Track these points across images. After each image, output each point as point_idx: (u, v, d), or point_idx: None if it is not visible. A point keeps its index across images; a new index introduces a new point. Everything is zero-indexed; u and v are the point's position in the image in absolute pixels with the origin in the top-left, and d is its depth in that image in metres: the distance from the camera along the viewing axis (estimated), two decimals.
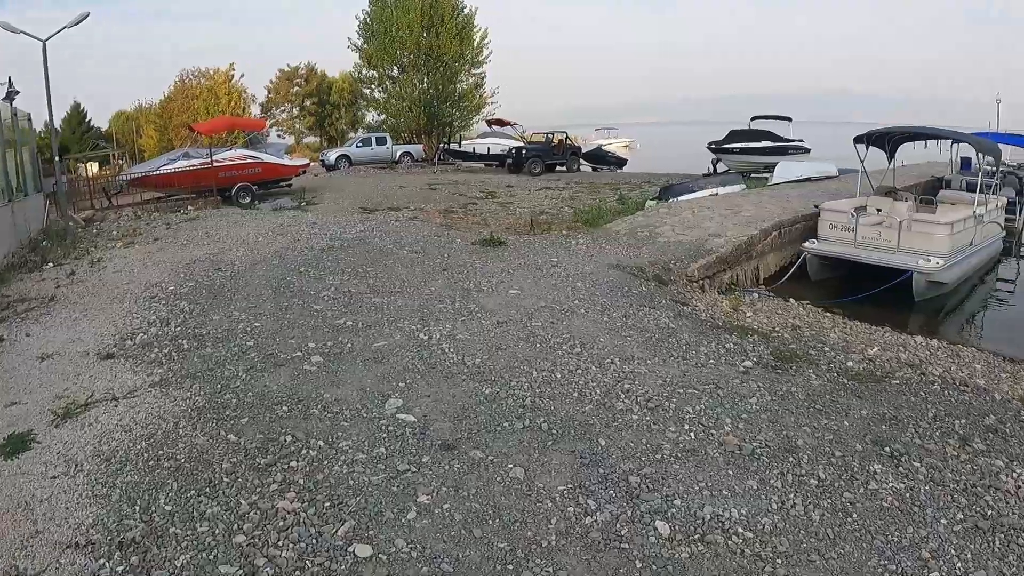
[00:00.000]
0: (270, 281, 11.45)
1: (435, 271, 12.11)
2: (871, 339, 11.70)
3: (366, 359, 7.67)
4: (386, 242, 14.87)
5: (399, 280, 11.35)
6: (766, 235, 15.60)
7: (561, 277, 11.84)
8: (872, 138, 17.91)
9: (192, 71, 61.35)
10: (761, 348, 8.96)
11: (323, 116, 62.75)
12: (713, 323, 10.21)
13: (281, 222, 17.85)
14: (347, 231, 16.32)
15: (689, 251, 14.39)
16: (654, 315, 9.95)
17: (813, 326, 12.18)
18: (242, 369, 7.57)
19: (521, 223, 18.73)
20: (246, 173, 23.16)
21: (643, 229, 15.99)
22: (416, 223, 17.79)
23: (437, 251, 13.93)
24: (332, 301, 10.10)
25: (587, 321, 9.27)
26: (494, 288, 10.86)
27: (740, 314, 12.44)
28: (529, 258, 13.41)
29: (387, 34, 37.35)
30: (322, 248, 14.26)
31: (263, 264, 12.87)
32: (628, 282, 11.96)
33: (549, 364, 7.45)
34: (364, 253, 13.68)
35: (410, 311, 9.48)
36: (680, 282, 13.27)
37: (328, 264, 12.69)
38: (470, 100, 40.11)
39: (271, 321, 9.25)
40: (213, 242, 15.33)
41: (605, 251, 14.36)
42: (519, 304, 9.89)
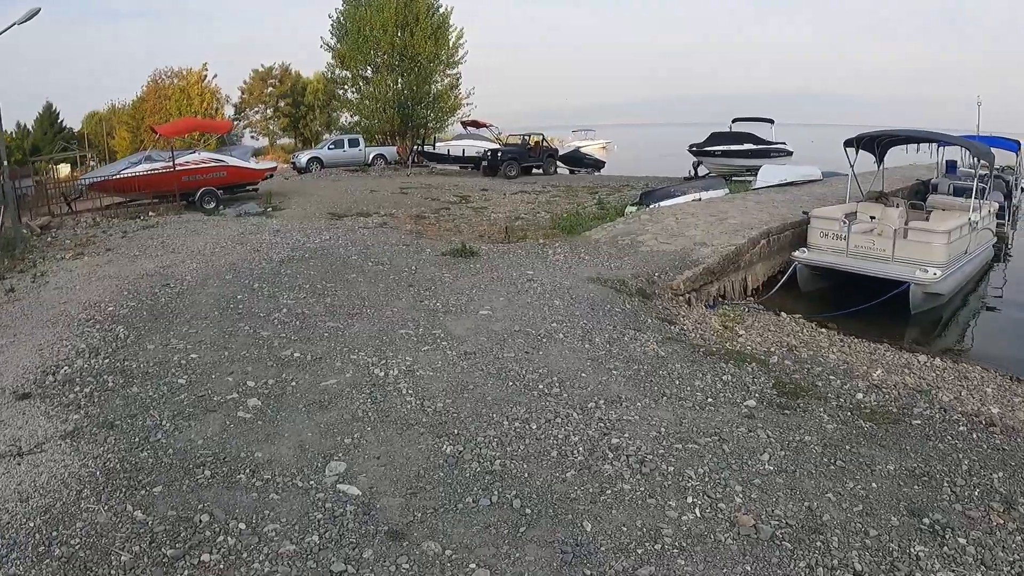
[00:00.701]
0: (219, 300, 10.21)
1: (400, 287, 10.92)
2: (873, 359, 10.83)
3: (310, 403, 6.48)
4: (350, 252, 13.65)
5: (359, 299, 10.15)
6: (754, 244, 14.55)
7: (537, 293, 10.70)
8: (862, 142, 16.94)
9: (165, 71, 59.57)
10: (762, 380, 7.89)
11: (297, 117, 61.07)
12: (705, 348, 9.15)
13: (242, 230, 16.55)
14: (311, 240, 15.07)
15: (674, 262, 13.31)
16: (641, 339, 8.85)
17: (810, 345, 11.24)
18: (168, 416, 6.38)
19: (495, 230, 17.58)
20: (210, 177, 21.78)
21: (624, 237, 14.88)
22: (385, 230, 16.58)
23: (404, 263, 12.73)
24: (282, 326, 8.89)
25: (566, 349, 8.13)
26: (463, 308, 9.69)
27: (731, 332, 11.42)
28: (503, 271, 12.25)
29: (360, 33, 35.93)
30: (281, 260, 13.01)
31: (215, 279, 11.61)
32: (610, 298, 10.86)
33: (523, 410, 6.29)
34: (325, 266, 12.45)
35: (367, 338, 8.28)
36: (665, 296, 12.21)
37: (285, 279, 11.46)
38: (445, 101, 38.71)
39: (211, 351, 8.04)
40: (167, 253, 14.02)
41: (584, 262, 13.24)
42: (490, 328, 8.73)
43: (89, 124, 70.82)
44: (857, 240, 14.69)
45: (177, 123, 27.41)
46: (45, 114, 65.13)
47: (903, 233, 14.37)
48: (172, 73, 60.03)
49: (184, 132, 24.62)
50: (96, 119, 69.79)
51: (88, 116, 72.17)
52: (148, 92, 59.89)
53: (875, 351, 11.36)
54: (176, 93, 58.17)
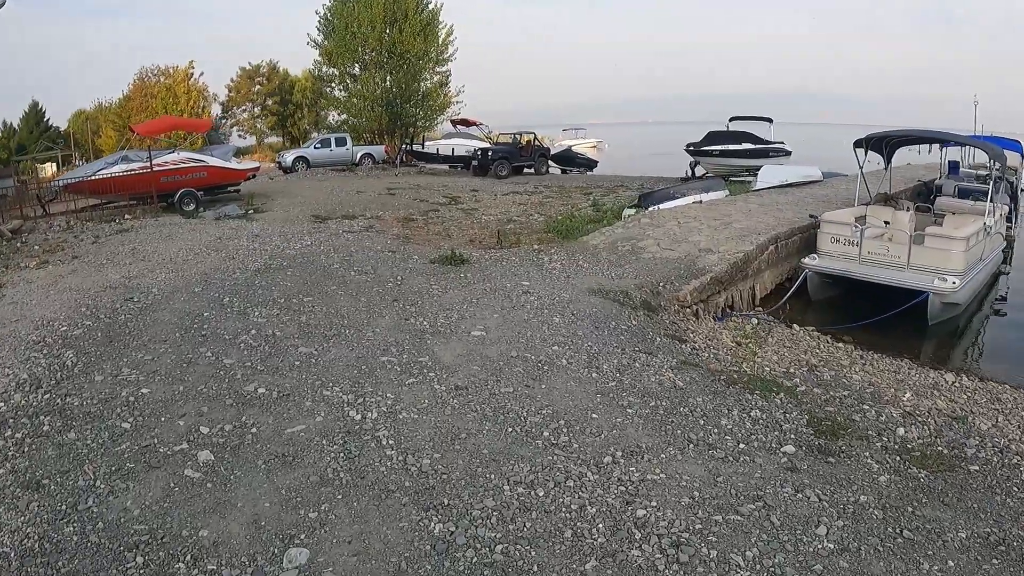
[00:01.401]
0: (183, 319, 9.04)
1: (384, 302, 9.77)
2: (898, 379, 9.71)
3: (272, 458, 5.34)
4: (332, 260, 12.49)
5: (338, 316, 9.00)
6: (762, 250, 13.49)
7: (534, 308, 9.59)
8: (871, 142, 15.90)
9: (152, 69, 57.98)
10: (795, 416, 6.84)
11: (285, 116, 59.62)
12: (725, 374, 8.07)
13: (220, 234, 15.36)
14: (291, 245, 13.90)
15: (679, 270, 12.24)
16: (653, 365, 7.76)
17: (830, 363, 10.25)
18: (104, 473, 5.25)
19: (487, 234, 16.45)
20: (190, 178, 20.53)
21: (624, 243, 13.78)
22: (370, 235, 15.42)
23: (390, 272, 11.59)
24: (249, 351, 7.73)
25: (572, 380, 7.01)
26: (453, 327, 8.56)
27: (745, 350, 10.36)
28: (496, 281, 11.13)
29: (348, 30, 34.65)
30: (257, 269, 11.85)
31: (183, 292, 10.45)
32: (614, 313, 9.77)
33: (527, 468, 5.16)
34: (304, 275, 11.29)
35: (344, 368, 7.13)
36: (672, 308, 11.14)
37: (259, 292, 10.30)
38: (434, 99, 37.43)
39: (165, 385, 6.88)
40: (136, 261, 12.82)
41: (583, 271, 12.15)
42: (484, 354, 7.60)
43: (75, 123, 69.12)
44: (870, 246, 13.67)
45: (156, 122, 26.10)
46: (31, 112, 63.41)
47: (919, 239, 13.35)
48: (159, 71, 58.56)
49: (163, 131, 23.37)
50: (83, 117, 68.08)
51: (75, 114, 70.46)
52: (134, 90, 58.34)
53: (898, 369, 10.46)
54: (162, 91, 56.65)
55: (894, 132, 16.26)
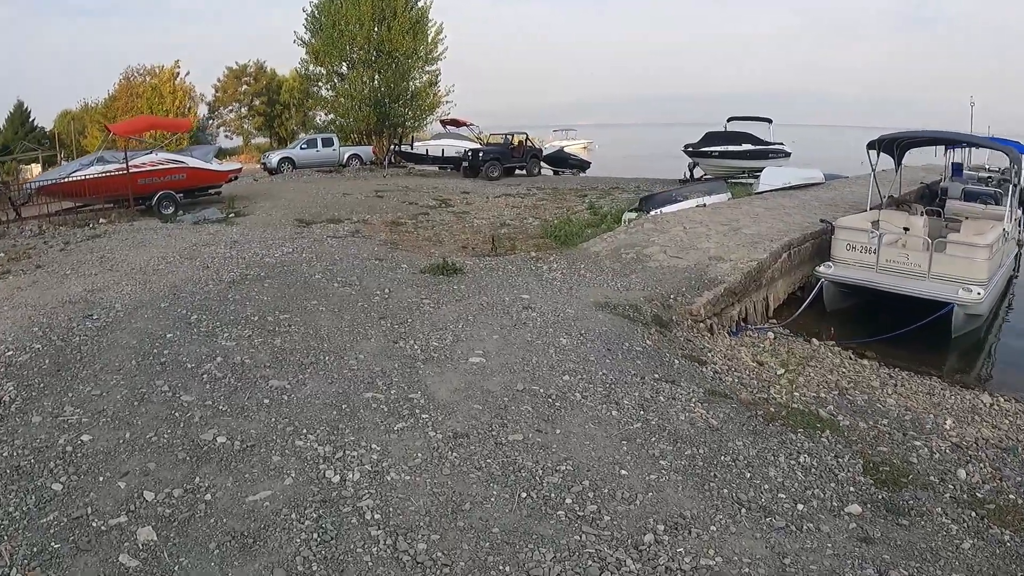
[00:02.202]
0: (143, 342, 7.85)
1: (370, 319, 8.62)
2: (934, 402, 8.83)
3: (227, 539, 4.18)
4: (314, 270, 11.33)
5: (318, 339, 7.84)
6: (775, 258, 12.44)
7: (538, 327, 8.47)
8: (883, 143, 14.89)
9: (137, 68, 56.35)
10: (847, 460, 5.83)
11: (272, 116, 58.03)
12: (757, 405, 7.01)
13: (196, 240, 14.15)
14: (271, 253, 12.72)
15: (689, 280, 11.17)
16: (679, 398, 6.67)
17: (859, 384, 9.30)
18: (20, 559, 4.11)
19: (480, 239, 15.32)
20: (168, 180, 19.24)
21: (628, 250, 12.68)
22: (356, 241, 14.25)
23: (376, 284, 10.45)
24: (212, 385, 6.56)
25: (590, 422, 5.90)
26: (448, 352, 7.41)
27: (769, 372, 9.30)
28: (493, 294, 10.02)
29: (336, 28, 33.26)
30: (232, 280, 10.67)
31: (148, 308, 9.26)
32: (626, 332, 8.68)
33: (550, 554, 4.02)
34: (282, 288, 10.13)
35: (321, 408, 5.97)
36: (685, 323, 10.06)
37: (231, 308, 9.13)
38: (423, 99, 36.10)
39: (110, 430, 5.71)
40: (103, 271, 11.60)
41: (586, 281, 11.06)
42: (485, 387, 6.46)
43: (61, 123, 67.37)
44: (888, 254, 12.64)
45: (134, 121, 24.71)
46: (16, 113, 61.57)
47: (939, 246, 12.34)
48: (145, 71, 56.98)
49: (141, 131, 22.07)
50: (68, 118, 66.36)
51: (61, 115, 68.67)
52: (120, 90, 56.74)
53: (931, 390, 9.46)
54: (148, 91, 55.09)
55: (906, 133, 15.27)
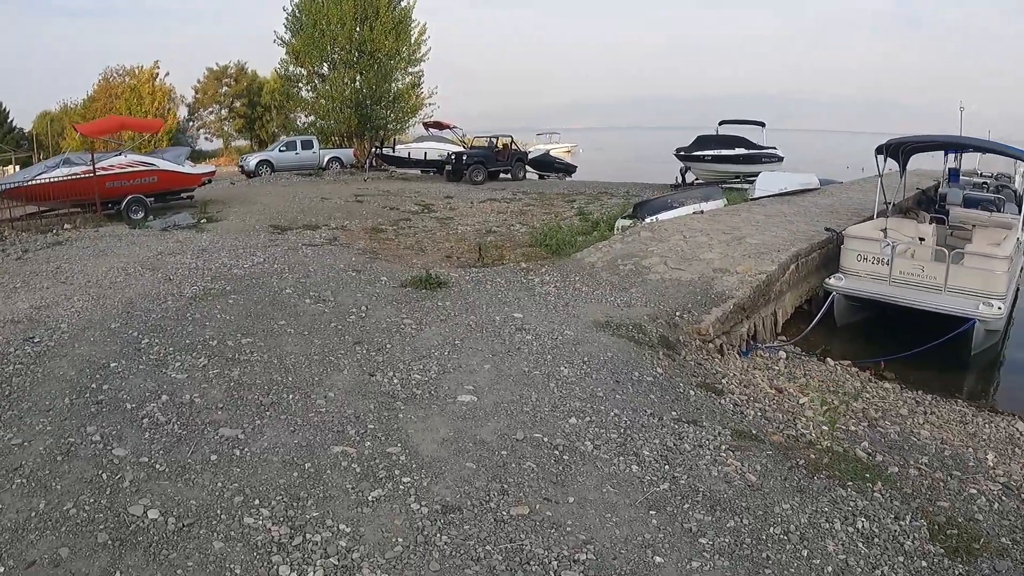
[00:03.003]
0: (83, 373, 6.64)
1: (343, 344, 7.45)
2: (969, 433, 7.98)
3: None
4: (285, 283, 10.14)
5: (283, 369, 6.65)
6: (784, 270, 11.40)
7: (534, 353, 7.35)
8: (890, 148, 13.90)
9: (117, 69, 54.70)
10: (908, 521, 4.85)
11: (253, 118, 56.50)
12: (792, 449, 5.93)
13: (162, 248, 12.90)
14: (240, 263, 11.51)
15: (694, 295, 10.09)
16: (706, 444, 5.58)
17: (888, 413, 8.37)
18: None
19: (465, 247, 14.19)
20: (138, 183, 17.91)
21: (625, 261, 11.58)
22: (333, 249, 13.05)
23: (352, 299, 9.28)
24: (152, 434, 5.36)
25: (608, 484, 4.76)
26: (433, 388, 6.25)
27: (790, 400, 8.23)
28: (481, 311, 8.89)
29: (317, 27, 31.93)
30: (194, 295, 9.47)
31: (97, 329, 8.05)
32: (633, 357, 7.58)
33: None
34: (249, 305, 8.94)
35: (280, 468, 4.78)
36: (693, 344, 8.97)
37: (188, 329, 7.94)
38: (406, 101, 34.80)
39: (21, 497, 4.52)
40: (56, 284, 10.34)
41: (583, 296, 9.95)
42: (478, 436, 5.30)
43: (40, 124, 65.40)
44: (902, 265, 11.63)
45: (102, 121, 23.26)
46: None
47: (956, 258, 11.35)
48: (124, 71, 55.36)
49: (109, 131, 20.63)
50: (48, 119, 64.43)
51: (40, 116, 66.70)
52: (99, 91, 55.12)
53: (963, 418, 8.56)
54: (127, 92, 53.45)
55: (916, 138, 14.29)
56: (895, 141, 13.83)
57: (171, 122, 52.85)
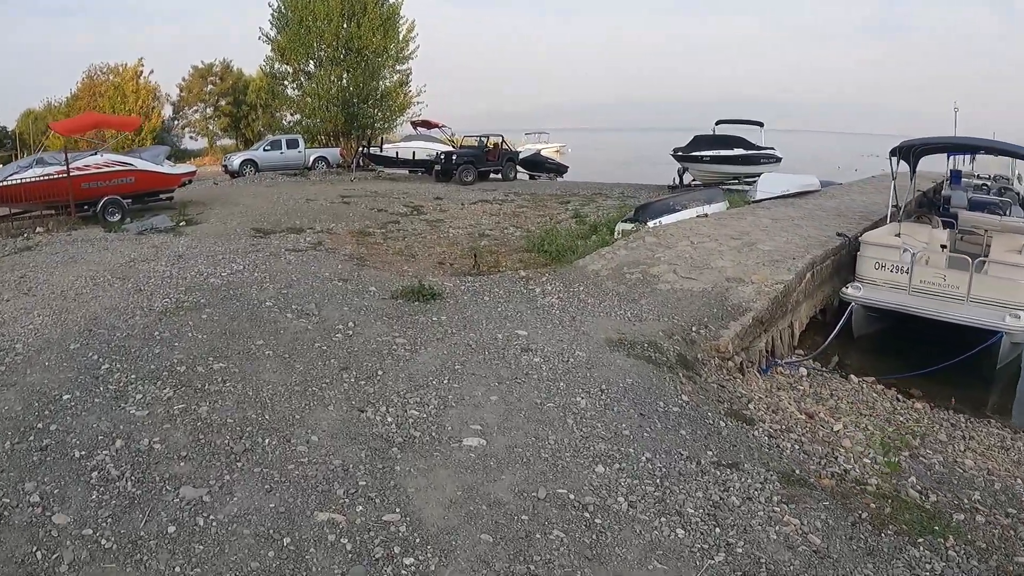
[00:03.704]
0: (30, 408, 5.68)
1: (328, 371, 6.50)
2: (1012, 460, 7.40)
3: None
4: (266, 294, 9.18)
5: (259, 403, 5.69)
6: (800, 279, 10.55)
7: (545, 379, 6.44)
8: (903, 150, 13.13)
9: (101, 67, 53.12)
10: None
11: (239, 117, 55.02)
12: (848, 497, 5.08)
13: (135, 255, 11.88)
14: (218, 271, 10.53)
15: (709, 307, 9.23)
16: (755, 496, 4.71)
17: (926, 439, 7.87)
18: None
19: (458, 253, 13.26)
20: (115, 184, 16.79)
21: (632, 269, 10.70)
22: (318, 255, 12.07)
23: (339, 314, 8.33)
24: (101, 494, 4.41)
25: (654, 558, 3.88)
26: (434, 427, 5.32)
27: (824, 426, 7.39)
28: (482, 328, 7.98)
29: (303, 23, 30.74)
30: (165, 309, 8.49)
31: (54, 350, 7.09)
32: (654, 383, 6.69)
33: None
34: (224, 321, 7.98)
35: (249, 547, 3.82)
36: (712, 362, 8.10)
37: (155, 351, 6.97)
38: (394, 99, 33.69)
39: None
40: (19, 295, 9.33)
41: (589, 309, 9.06)
42: (492, 495, 4.38)
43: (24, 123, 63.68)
44: (922, 274, 10.82)
45: (77, 119, 22.14)
46: None
47: (980, 266, 10.58)
48: (108, 70, 53.79)
49: (84, 129, 19.48)
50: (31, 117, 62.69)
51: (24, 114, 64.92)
52: (82, 89, 53.53)
53: (1002, 442, 7.94)
54: (110, 90, 51.95)
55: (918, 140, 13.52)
56: (910, 143, 13.05)
57: (155, 121, 51.47)
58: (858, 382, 9.36)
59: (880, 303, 10.76)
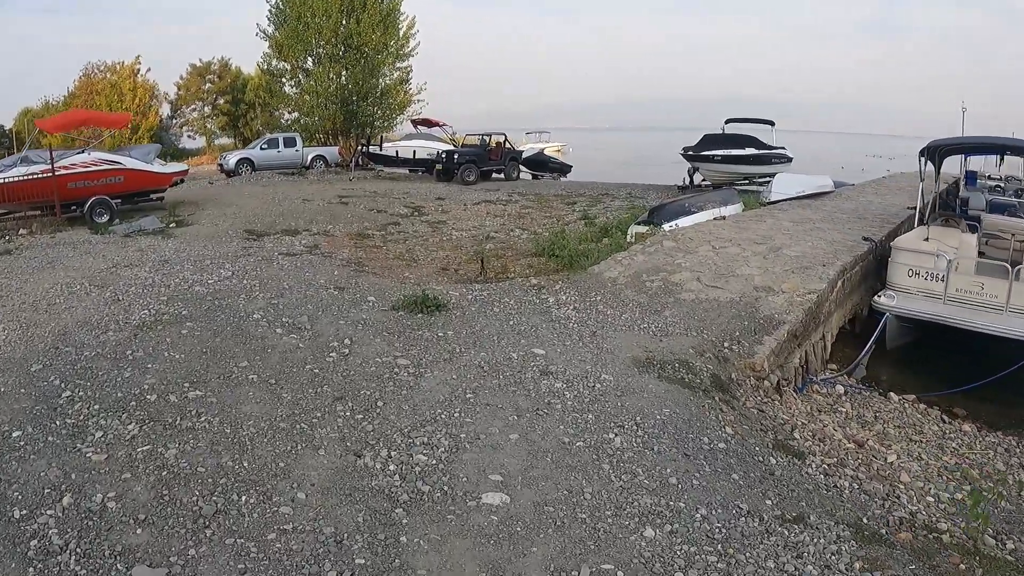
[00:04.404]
0: None
1: (320, 402, 5.58)
2: None
3: None
4: (254, 305, 8.25)
5: (236, 445, 4.77)
6: (832, 287, 9.65)
7: (571, 411, 5.54)
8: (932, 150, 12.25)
9: (98, 65, 51.98)
10: None
11: (237, 116, 53.92)
12: (931, 555, 4.19)
13: (118, 259, 10.96)
14: (205, 278, 9.61)
15: (740, 319, 8.33)
16: (832, 563, 3.80)
17: (984, 470, 6.94)
18: None
19: (462, 257, 12.35)
20: (103, 183, 15.80)
21: (652, 276, 9.79)
22: (313, 260, 11.15)
23: (333, 329, 7.42)
24: (35, 569, 3.49)
25: None
26: (446, 480, 4.41)
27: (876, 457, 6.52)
28: (493, 345, 7.08)
29: (301, 20, 29.69)
30: (142, 322, 7.57)
31: (14, 372, 6.20)
32: (692, 412, 5.80)
33: None
34: (206, 337, 7.06)
35: None
36: (747, 383, 7.19)
37: (125, 375, 6.06)
38: (394, 97, 32.65)
39: None
40: None
41: (610, 322, 8.16)
42: (520, 574, 3.47)
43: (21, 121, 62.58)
44: (958, 282, 9.93)
45: (64, 116, 21.12)
46: None
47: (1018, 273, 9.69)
48: (105, 68, 52.66)
49: (71, 126, 18.53)
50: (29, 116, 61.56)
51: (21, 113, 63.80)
52: (79, 88, 52.38)
53: None
54: (107, 89, 50.82)
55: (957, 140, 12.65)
56: (941, 143, 12.18)
57: (152, 119, 50.41)
58: (899, 401, 8.49)
59: (916, 313, 9.86)
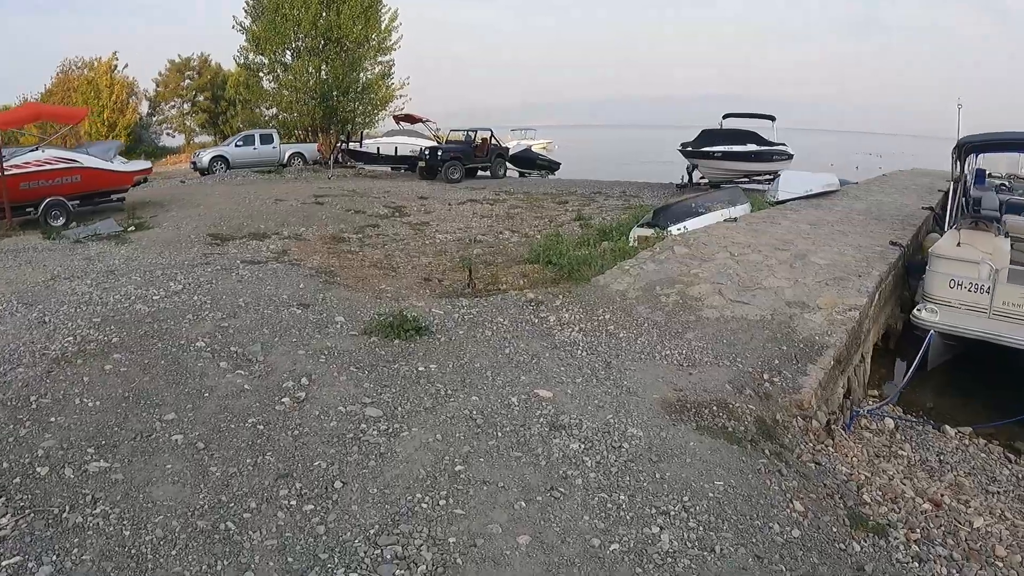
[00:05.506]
0: None
1: (257, 482, 4.10)
2: None
3: None
4: (201, 328, 6.75)
5: (132, 558, 3.30)
6: (871, 302, 8.27)
7: (595, 491, 4.14)
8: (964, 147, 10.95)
9: (75, 61, 49.80)
10: None
11: (217, 113, 51.89)
12: None
13: (60, 270, 9.41)
14: (150, 292, 8.07)
15: (776, 342, 6.94)
16: None
17: None
18: None
19: (447, 264, 10.89)
20: (58, 183, 14.21)
21: (666, 289, 8.36)
22: (279, 268, 9.62)
23: (289, 362, 5.93)
24: None
25: None
26: None
27: (961, 519, 5.14)
28: (487, 385, 5.63)
29: (279, 11, 28.05)
30: (63, 353, 6.06)
31: None
32: (747, 480, 4.42)
33: None
34: (133, 374, 5.55)
35: None
36: (794, 424, 5.80)
37: (21, 432, 4.61)
38: (375, 92, 31.02)
39: None
40: None
41: (624, 348, 6.73)
42: None
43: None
44: (1006, 294, 8.56)
45: (16, 111, 19.22)
46: None
47: None
48: (82, 64, 50.46)
49: (24, 122, 16.74)
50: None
51: None
52: (56, 84, 50.15)
53: None
54: (83, 85, 48.67)
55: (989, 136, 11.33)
56: (977, 139, 10.87)
57: (130, 117, 48.32)
58: (956, 435, 7.13)
59: (963, 331, 8.49)
